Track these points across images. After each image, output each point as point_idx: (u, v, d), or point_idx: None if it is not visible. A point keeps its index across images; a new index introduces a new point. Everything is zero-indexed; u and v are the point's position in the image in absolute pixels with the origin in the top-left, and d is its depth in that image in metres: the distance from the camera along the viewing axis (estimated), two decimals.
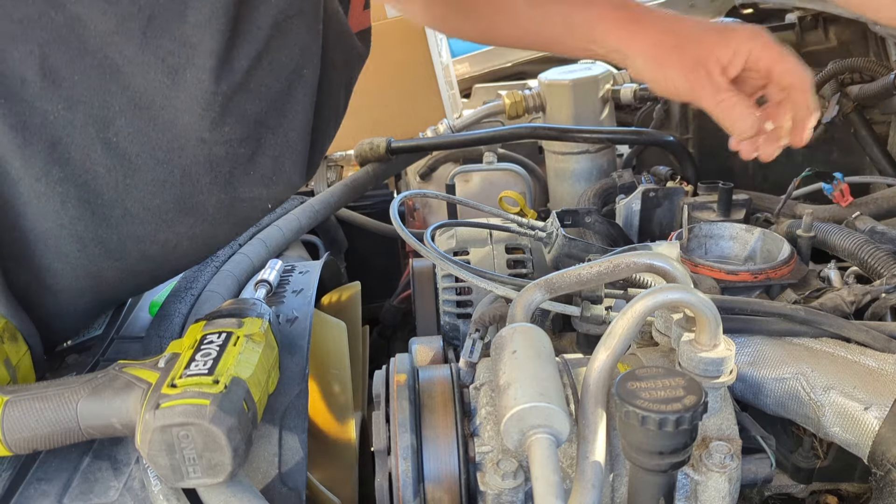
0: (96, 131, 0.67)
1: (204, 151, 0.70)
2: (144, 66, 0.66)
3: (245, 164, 0.73)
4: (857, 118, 1.34)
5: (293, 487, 0.68)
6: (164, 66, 0.66)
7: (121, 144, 0.68)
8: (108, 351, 0.88)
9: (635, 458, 0.59)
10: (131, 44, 0.64)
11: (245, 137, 0.72)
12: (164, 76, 0.66)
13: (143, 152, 0.69)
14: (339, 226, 1.41)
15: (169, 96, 0.67)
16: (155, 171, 0.70)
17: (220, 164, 0.72)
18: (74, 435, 0.65)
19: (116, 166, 0.69)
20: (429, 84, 1.74)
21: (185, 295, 0.91)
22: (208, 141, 0.69)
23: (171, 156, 0.69)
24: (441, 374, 0.75)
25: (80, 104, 0.66)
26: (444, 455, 0.68)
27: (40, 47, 0.63)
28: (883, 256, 0.90)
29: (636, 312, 0.62)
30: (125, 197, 0.70)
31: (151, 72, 0.66)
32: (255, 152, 0.73)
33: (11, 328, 0.73)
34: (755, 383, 0.77)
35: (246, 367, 0.66)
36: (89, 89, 0.66)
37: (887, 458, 0.67)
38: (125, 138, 0.68)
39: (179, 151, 0.69)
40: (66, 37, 0.64)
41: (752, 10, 1.86)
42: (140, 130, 0.68)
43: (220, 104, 0.68)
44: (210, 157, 0.71)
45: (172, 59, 0.66)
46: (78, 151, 0.67)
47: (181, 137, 0.69)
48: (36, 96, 0.65)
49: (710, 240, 1.04)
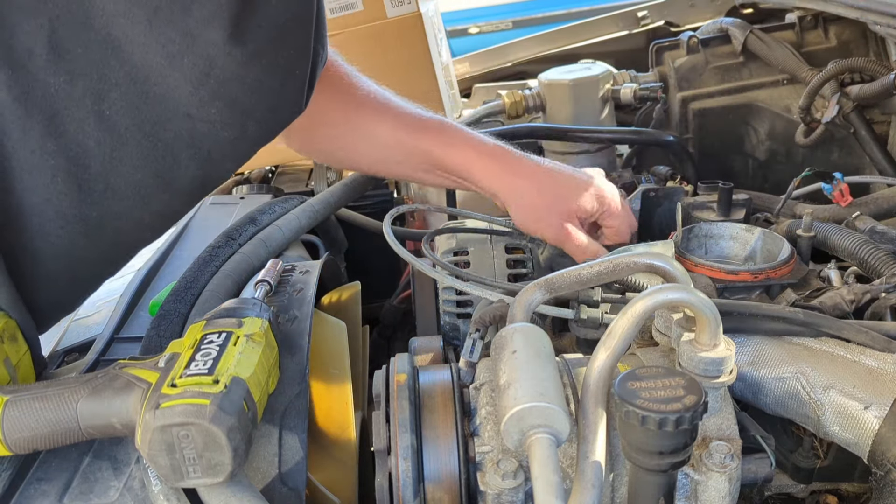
0: (92, 103, 0.69)
1: (188, 126, 0.72)
2: (145, 48, 0.68)
3: (223, 146, 0.76)
4: (857, 118, 1.34)
5: (293, 487, 0.68)
6: (164, 51, 0.68)
7: (113, 117, 0.70)
8: (108, 351, 0.89)
9: (635, 458, 0.59)
10: (136, 27, 0.67)
11: (230, 122, 0.74)
12: (162, 58, 0.68)
13: (133, 125, 0.71)
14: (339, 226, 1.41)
15: (164, 75, 0.69)
16: (140, 144, 0.72)
17: (202, 140, 0.74)
18: (74, 435, 0.65)
19: (106, 139, 0.70)
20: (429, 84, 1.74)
21: (185, 295, 0.91)
22: (194, 117, 0.72)
23: (156, 129, 0.72)
24: (441, 374, 0.75)
25: (81, 77, 0.68)
26: (444, 455, 0.68)
27: (50, 21, 0.65)
28: (883, 256, 0.90)
29: (636, 312, 0.62)
30: (110, 171, 0.72)
31: (151, 53, 0.68)
32: (237, 138, 0.76)
33: (11, 328, 0.73)
34: (755, 383, 0.77)
35: (246, 366, 0.66)
36: (90, 63, 0.68)
37: (887, 458, 0.67)
38: (118, 111, 0.70)
39: (165, 124, 0.72)
40: (74, 12, 0.66)
41: (752, 10, 1.87)
42: (132, 104, 0.70)
43: (211, 88, 0.71)
44: (192, 133, 0.73)
45: (173, 46, 0.68)
46: (73, 124, 0.69)
47: (168, 111, 0.71)
48: (41, 68, 0.67)
49: (710, 240, 1.04)
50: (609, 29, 2.18)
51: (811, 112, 1.39)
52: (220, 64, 0.70)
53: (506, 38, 2.34)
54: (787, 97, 1.49)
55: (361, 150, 1.08)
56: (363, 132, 1.06)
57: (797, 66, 1.47)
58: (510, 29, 3.87)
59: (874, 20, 1.27)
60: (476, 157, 1.04)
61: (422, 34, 1.73)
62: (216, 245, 1.01)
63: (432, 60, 1.74)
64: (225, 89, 0.71)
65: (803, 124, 1.42)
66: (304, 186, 1.63)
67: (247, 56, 0.71)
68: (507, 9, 4.11)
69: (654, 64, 1.63)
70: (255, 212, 1.13)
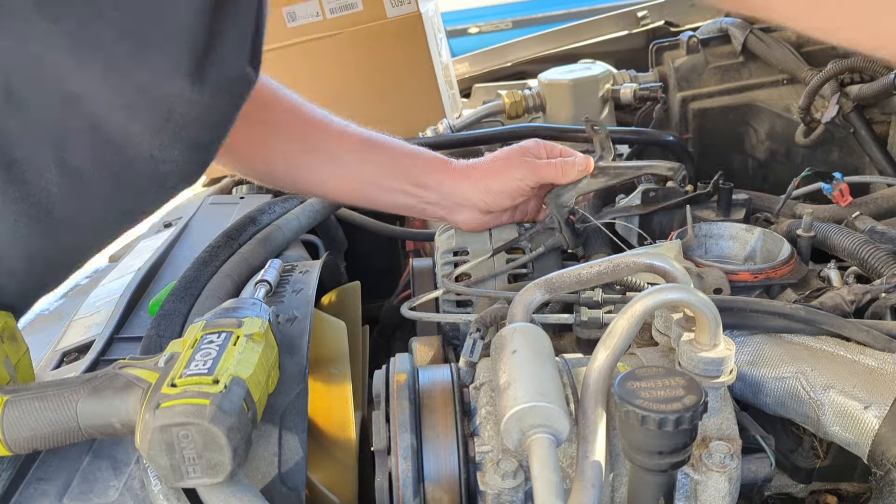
0: (52, 151, 0.69)
1: (151, 167, 0.73)
2: (101, 99, 0.68)
3: (189, 178, 0.79)
4: (857, 118, 1.34)
5: (293, 487, 0.68)
6: (122, 102, 0.68)
7: (75, 163, 0.70)
8: (108, 351, 0.88)
9: (635, 457, 0.59)
10: (91, 81, 0.67)
11: (193, 160, 0.76)
12: (120, 108, 0.69)
13: (96, 170, 0.71)
14: (339, 226, 1.41)
15: (123, 124, 0.69)
16: (105, 185, 0.72)
17: (166, 178, 0.76)
18: (74, 435, 0.65)
19: (69, 184, 0.71)
20: (429, 84, 1.74)
21: (185, 295, 0.91)
22: (157, 158, 0.73)
23: (121, 171, 0.72)
24: (441, 373, 0.75)
25: (39, 126, 0.68)
26: (444, 455, 0.68)
27: (4, 73, 0.65)
28: (883, 256, 0.90)
29: (636, 312, 0.62)
30: (75, 213, 0.73)
31: (108, 104, 0.68)
32: (199, 168, 0.79)
33: (11, 328, 0.73)
34: (755, 383, 0.77)
35: (246, 366, 0.66)
36: (47, 113, 0.68)
37: (887, 458, 0.67)
38: (80, 158, 0.70)
39: (129, 166, 0.72)
40: (27, 65, 0.65)
41: None
42: (94, 150, 0.70)
43: (172, 132, 0.71)
44: (156, 172, 0.74)
45: (129, 97, 0.68)
46: (34, 171, 0.69)
47: (132, 154, 0.72)
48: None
49: (710, 239, 1.04)
50: (609, 29, 2.18)
51: (811, 112, 1.39)
52: (179, 110, 0.70)
53: (506, 38, 2.34)
54: (787, 97, 1.49)
55: (320, 171, 1.08)
56: (321, 152, 1.06)
57: (797, 66, 1.47)
58: (510, 29, 3.87)
59: None
60: (441, 163, 1.07)
61: (422, 34, 1.73)
62: (216, 245, 1.01)
63: (432, 60, 1.74)
64: (186, 132, 0.72)
65: (803, 124, 1.42)
66: None
67: (206, 99, 0.71)
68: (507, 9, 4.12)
69: (654, 64, 1.64)
70: (255, 212, 1.13)
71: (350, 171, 1.06)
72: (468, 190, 1.05)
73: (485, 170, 1.06)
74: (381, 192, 1.08)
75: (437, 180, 1.06)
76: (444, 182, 1.06)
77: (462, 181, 1.05)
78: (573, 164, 1.05)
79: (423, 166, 1.07)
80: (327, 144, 1.06)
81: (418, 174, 1.06)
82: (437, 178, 1.06)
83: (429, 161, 1.08)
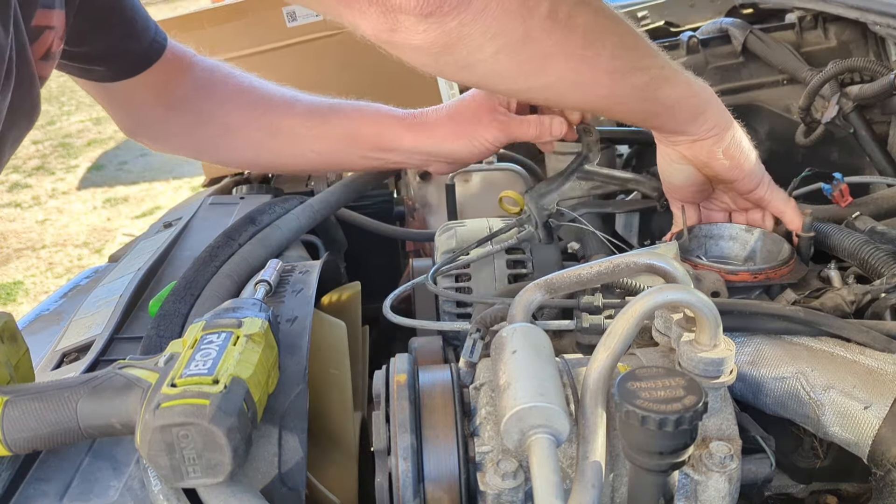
0: None
1: None
2: None
3: None
4: (857, 118, 1.34)
5: (293, 487, 0.68)
6: None
7: None
8: (108, 351, 0.88)
9: (635, 458, 0.59)
10: None
11: None
12: None
13: None
14: (339, 226, 1.41)
15: None
16: None
17: None
18: (74, 435, 0.65)
19: None
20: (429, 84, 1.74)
21: (184, 295, 0.91)
22: None
23: None
24: (441, 373, 0.75)
25: None
26: (444, 455, 0.68)
27: None
28: (883, 256, 0.90)
29: (636, 312, 0.62)
30: None
31: None
32: None
33: (11, 328, 0.73)
34: (755, 383, 0.77)
35: (246, 367, 0.66)
36: None
37: (887, 458, 0.67)
38: None
39: None
40: None
41: (752, 10, 1.86)
42: None
43: None
44: None
45: None
46: None
47: None
48: None
49: (710, 240, 1.04)
50: None
51: (811, 112, 1.39)
52: None
53: None
54: (787, 97, 1.49)
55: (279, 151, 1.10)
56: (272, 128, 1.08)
57: (797, 66, 1.47)
58: None
59: (874, 20, 1.27)
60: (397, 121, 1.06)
61: None
62: (216, 245, 1.01)
63: None
64: None
65: (803, 124, 1.42)
66: (304, 186, 1.63)
67: None
68: None
69: None
70: (254, 212, 1.13)
71: (307, 149, 1.09)
72: (430, 146, 1.05)
73: (446, 131, 1.04)
74: (345, 162, 1.12)
75: (396, 142, 1.06)
76: (404, 141, 1.06)
77: (422, 139, 1.05)
78: (558, 121, 1.01)
79: (382, 130, 1.07)
80: (282, 124, 1.08)
81: (377, 140, 1.07)
82: (396, 139, 1.06)
83: (384, 121, 1.07)
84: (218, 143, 1.13)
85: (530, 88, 0.80)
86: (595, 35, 0.76)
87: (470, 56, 0.71)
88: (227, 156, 1.17)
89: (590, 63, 0.78)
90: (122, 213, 5.48)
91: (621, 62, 0.80)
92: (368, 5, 0.65)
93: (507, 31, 0.70)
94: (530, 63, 0.75)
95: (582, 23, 0.74)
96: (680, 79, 0.87)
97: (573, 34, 0.74)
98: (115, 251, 1.42)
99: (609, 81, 0.81)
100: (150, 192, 5.76)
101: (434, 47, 0.69)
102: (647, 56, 0.83)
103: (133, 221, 5.25)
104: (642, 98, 0.85)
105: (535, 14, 0.70)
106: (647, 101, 0.86)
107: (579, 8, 0.74)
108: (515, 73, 0.76)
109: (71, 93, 9.06)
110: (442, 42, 0.69)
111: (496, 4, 0.67)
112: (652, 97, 0.86)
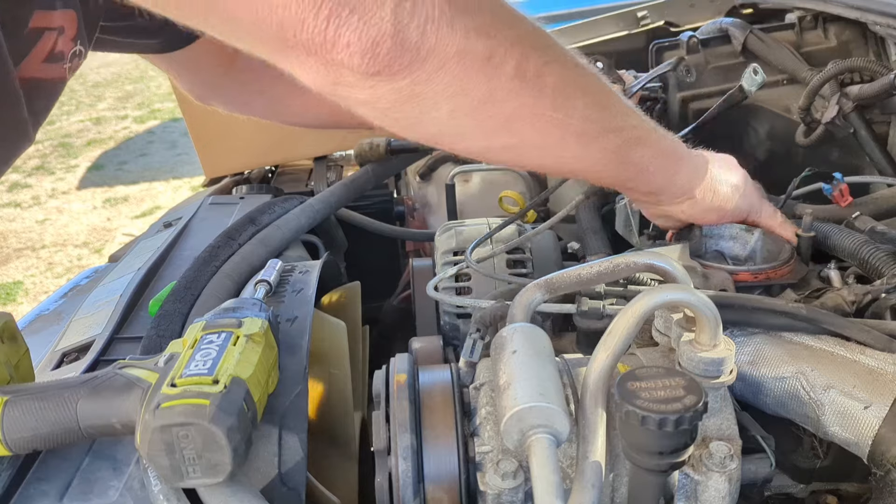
0: None
1: None
2: None
3: None
4: (857, 118, 1.34)
5: (293, 487, 0.68)
6: None
7: None
8: (108, 351, 0.88)
9: (635, 458, 0.59)
10: None
11: None
12: None
13: None
14: (339, 226, 1.41)
15: None
16: None
17: None
18: (74, 435, 0.65)
19: None
20: None
21: (184, 295, 0.91)
22: None
23: None
24: (441, 373, 0.75)
25: None
26: (444, 455, 0.68)
27: None
28: (883, 256, 0.90)
29: (636, 312, 0.62)
30: None
31: None
32: None
33: (11, 328, 0.73)
34: (755, 383, 0.77)
35: (246, 367, 0.66)
36: None
37: (887, 458, 0.67)
38: None
39: None
40: None
41: (752, 10, 1.86)
42: None
43: None
44: None
45: None
46: None
47: None
48: None
49: (710, 240, 1.04)
50: (609, 29, 2.18)
51: (811, 112, 1.39)
52: None
53: None
54: (787, 97, 1.49)
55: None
56: None
57: (797, 66, 1.47)
58: None
59: (874, 20, 1.27)
60: None
61: None
62: (216, 245, 1.01)
63: None
64: None
65: (803, 124, 1.41)
66: (304, 186, 1.63)
67: None
68: None
69: (654, 64, 1.63)
70: (254, 212, 1.13)
71: None
72: None
73: None
74: None
75: None
76: None
77: None
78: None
79: None
80: None
81: None
82: None
83: None
84: (288, 101, 1.10)
85: (489, 149, 0.75)
86: (566, 95, 0.71)
87: (423, 115, 0.65)
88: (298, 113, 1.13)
89: (559, 125, 0.72)
90: (121, 213, 5.48)
91: (592, 125, 0.75)
92: (307, 56, 0.58)
93: (468, 89, 0.64)
94: (492, 122, 0.69)
95: (551, 83, 0.69)
96: (652, 138, 0.83)
97: (542, 95, 0.69)
98: (115, 251, 1.42)
99: (578, 145, 0.76)
100: (150, 192, 5.76)
101: (382, 103, 0.63)
102: (620, 115, 0.78)
103: (133, 221, 5.25)
104: (615, 161, 0.81)
105: (501, 73, 0.64)
106: (621, 165, 0.82)
107: (549, 66, 0.68)
108: (473, 131, 0.70)
109: (71, 93, 9.06)
110: (392, 98, 0.62)
111: (455, 63, 0.61)
112: (625, 160, 0.81)
